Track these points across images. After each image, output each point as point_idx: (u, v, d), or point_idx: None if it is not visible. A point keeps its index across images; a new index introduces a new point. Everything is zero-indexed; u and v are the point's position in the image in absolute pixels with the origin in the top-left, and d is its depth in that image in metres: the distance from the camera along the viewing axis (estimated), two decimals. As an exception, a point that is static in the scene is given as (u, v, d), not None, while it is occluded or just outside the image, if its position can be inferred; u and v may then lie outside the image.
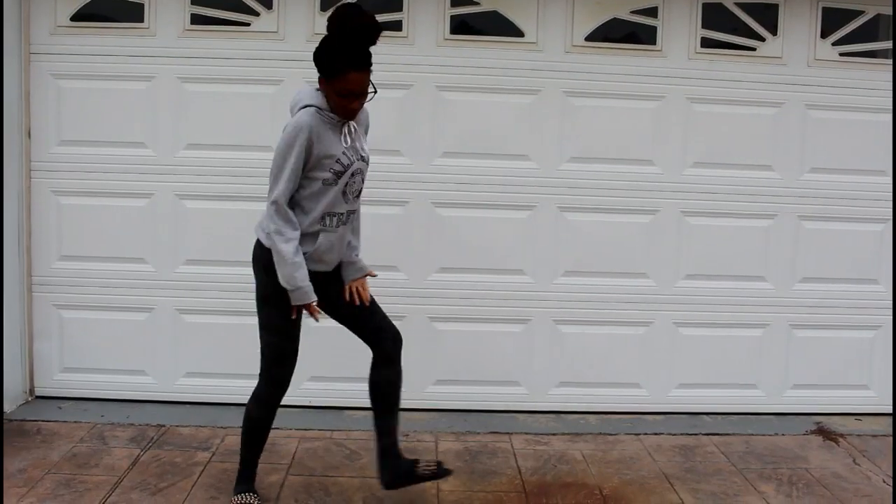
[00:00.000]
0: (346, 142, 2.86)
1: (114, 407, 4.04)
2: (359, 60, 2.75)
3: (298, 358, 4.19)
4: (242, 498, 3.08)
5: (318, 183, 2.83)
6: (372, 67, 2.80)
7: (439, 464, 3.09)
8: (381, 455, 3.07)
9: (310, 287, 2.85)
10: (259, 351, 3.04)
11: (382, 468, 3.06)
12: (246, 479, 3.14)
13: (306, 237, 2.88)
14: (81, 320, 4.11)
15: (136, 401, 4.11)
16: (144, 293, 4.10)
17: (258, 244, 2.96)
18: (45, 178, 4.03)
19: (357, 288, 3.05)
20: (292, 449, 3.66)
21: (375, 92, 2.85)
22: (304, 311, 2.93)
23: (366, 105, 2.92)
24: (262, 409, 3.09)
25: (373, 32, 2.76)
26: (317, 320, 2.93)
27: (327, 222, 2.89)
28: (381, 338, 3.08)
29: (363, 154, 2.95)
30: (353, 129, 2.90)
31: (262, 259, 2.91)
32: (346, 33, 2.74)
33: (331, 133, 2.83)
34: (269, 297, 2.93)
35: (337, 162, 2.83)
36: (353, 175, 2.89)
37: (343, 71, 2.74)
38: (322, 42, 2.79)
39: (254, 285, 3.18)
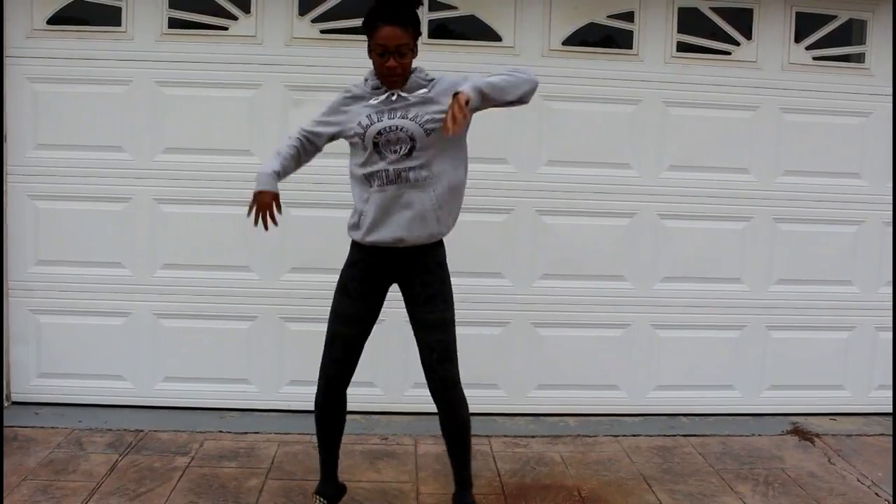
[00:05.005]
0: (373, 102, 2.79)
1: (91, 412, 4.02)
2: (387, 13, 2.69)
3: (277, 360, 4.20)
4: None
5: (351, 144, 2.86)
6: (407, 26, 2.72)
7: None
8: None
9: (264, 175, 2.79)
10: None
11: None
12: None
13: (366, 203, 2.84)
14: (58, 325, 4.08)
15: (114, 406, 4.08)
16: (122, 297, 4.07)
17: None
18: (21, 183, 4.00)
19: (451, 109, 2.64)
20: (271, 453, 3.66)
21: (415, 55, 2.80)
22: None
23: (442, 74, 2.93)
24: (318, 397, 3.14)
25: None
26: (267, 217, 2.79)
27: (372, 182, 2.80)
28: (428, 377, 2.91)
29: (407, 115, 2.77)
30: (395, 97, 2.79)
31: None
32: None
33: (362, 101, 2.81)
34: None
35: (358, 125, 2.79)
36: (380, 133, 2.76)
37: (373, 25, 2.71)
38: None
39: (230, 290, 3.14)
